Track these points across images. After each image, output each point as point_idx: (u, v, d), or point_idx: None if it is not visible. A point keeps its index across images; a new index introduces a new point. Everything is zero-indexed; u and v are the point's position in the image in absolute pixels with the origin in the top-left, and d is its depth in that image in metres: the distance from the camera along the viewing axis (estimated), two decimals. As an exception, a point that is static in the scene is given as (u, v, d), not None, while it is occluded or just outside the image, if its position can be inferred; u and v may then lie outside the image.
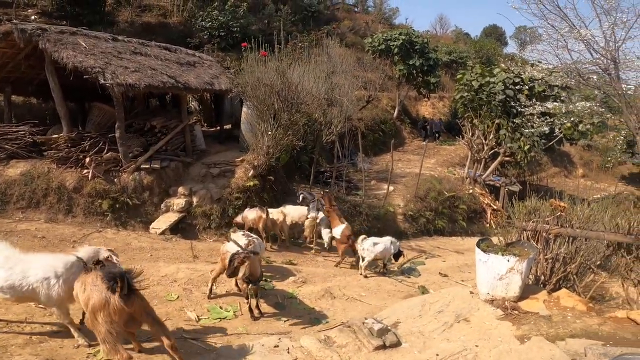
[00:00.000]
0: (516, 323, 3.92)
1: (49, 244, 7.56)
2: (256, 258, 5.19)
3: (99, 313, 3.32)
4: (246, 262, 4.94)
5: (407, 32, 20.74)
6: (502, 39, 42.77)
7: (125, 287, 3.33)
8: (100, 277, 3.41)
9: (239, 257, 4.92)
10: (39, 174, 8.95)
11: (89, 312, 3.40)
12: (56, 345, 4.08)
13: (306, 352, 3.92)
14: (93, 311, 3.35)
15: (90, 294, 3.40)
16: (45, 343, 4.11)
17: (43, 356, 3.82)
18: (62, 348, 4.03)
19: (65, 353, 3.94)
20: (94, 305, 3.34)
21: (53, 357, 3.84)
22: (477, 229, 12.75)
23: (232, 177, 9.89)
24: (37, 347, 4.02)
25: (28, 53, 9.98)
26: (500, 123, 14.52)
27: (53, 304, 3.99)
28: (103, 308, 3.31)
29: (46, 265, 4.01)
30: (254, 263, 5.07)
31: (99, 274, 3.45)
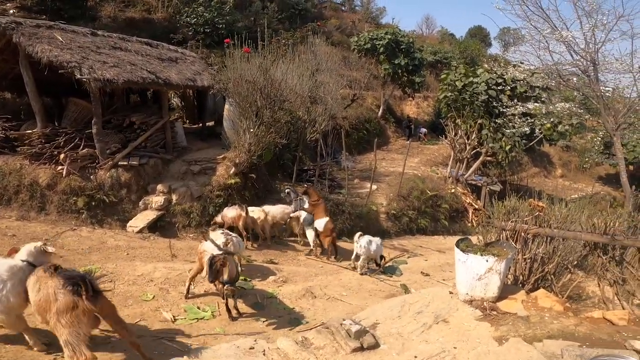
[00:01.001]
0: (495, 324, 3.91)
1: (19, 242, 7.26)
2: (232, 258, 5.09)
3: (64, 315, 3.27)
4: (227, 264, 4.84)
5: (393, 31, 20.80)
6: (486, 40, 43.32)
7: (90, 289, 3.32)
8: (62, 281, 3.34)
9: (220, 260, 4.82)
10: (10, 170, 8.64)
11: (53, 315, 3.31)
12: (22, 347, 3.92)
13: (282, 354, 3.83)
14: (57, 313, 3.29)
15: (53, 297, 3.32)
16: (11, 345, 3.94)
17: (7, 358, 3.68)
18: (28, 349, 3.89)
19: (32, 355, 3.81)
20: (59, 308, 3.28)
21: (18, 359, 3.70)
22: (459, 228, 12.86)
23: (213, 174, 9.74)
24: (1, 349, 3.87)
25: (2, 47, 9.61)
26: (483, 123, 14.67)
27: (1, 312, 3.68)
28: (71, 310, 3.28)
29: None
30: (230, 263, 4.97)
31: (60, 278, 3.38)
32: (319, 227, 8.56)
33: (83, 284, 3.32)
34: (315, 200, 8.89)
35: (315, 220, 8.67)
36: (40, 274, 3.56)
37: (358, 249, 7.76)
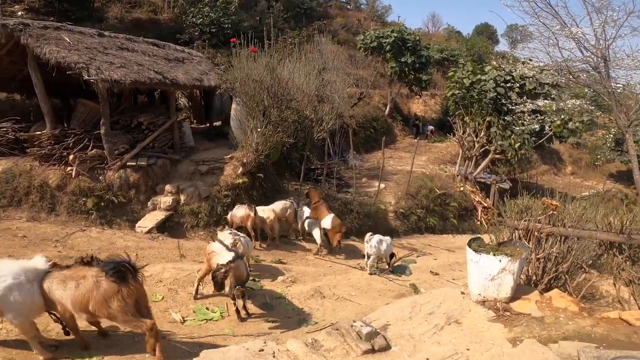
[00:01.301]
0: (508, 325, 3.84)
1: (30, 244, 7.35)
2: (241, 262, 5.05)
3: (112, 301, 3.60)
4: (229, 274, 4.82)
5: (399, 29, 20.67)
6: (493, 37, 42.95)
7: (133, 272, 3.67)
8: (104, 270, 3.63)
9: (221, 274, 4.82)
10: (20, 171, 8.70)
11: (98, 303, 3.59)
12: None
13: (292, 356, 3.79)
14: (105, 301, 3.59)
15: (96, 286, 3.60)
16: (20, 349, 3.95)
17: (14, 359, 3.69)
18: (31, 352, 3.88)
19: (34, 357, 3.82)
20: (106, 295, 3.59)
21: (14, 358, 3.72)
22: (468, 226, 12.74)
23: (221, 174, 9.73)
24: (12, 351, 3.89)
25: (10, 49, 9.68)
26: (491, 121, 14.51)
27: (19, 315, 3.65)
28: (117, 294, 3.60)
29: (13, 271, 3.67)
30: (238, 267, 4.94)
31: (100, 267, 3.68)
32: (327, 226, 8.53)
33: (125, 268, 3.59)
34: (316, 203, 8.92)
35: (321, 221, 8.64)
36: (68, 272, 3.67)
37: (368, 248, 7.72)
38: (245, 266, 5.24)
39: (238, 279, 4.99)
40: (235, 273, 4.91)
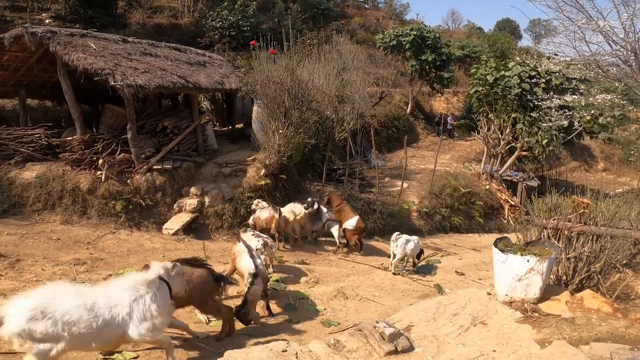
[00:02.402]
0: (536, 326, 3.74)
1: (63, 246, 7.63)
2: (258, 279, 5.14)
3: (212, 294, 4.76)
4: (248, 309, 4.99)
5: (418, 27, 20.40)
6: (516, 32, 41.87)
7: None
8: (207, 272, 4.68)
9: (242, 314, 4.96)
10: (54, 176, 9.06)
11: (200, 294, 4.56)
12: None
13: (315, 357, 3.79)
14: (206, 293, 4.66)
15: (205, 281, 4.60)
16: None
17: None
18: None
19: (74, 356, 3.92)
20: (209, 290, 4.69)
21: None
22: (495, 225, 12.45)
23: (244, 176, 9.85)
24: None
25: (40, 56, 10.10)
26: (517, 117, 14.13)
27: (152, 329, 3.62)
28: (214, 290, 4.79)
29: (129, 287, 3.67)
30: (256, 286, 5.08)
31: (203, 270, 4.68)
32: (350, 227, 8.53)
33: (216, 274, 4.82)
34: (338, 205, 8.90)
35: (346, 222, 8.63)
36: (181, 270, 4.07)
37: (394, 248, 7.66)
38: (264, 278, 5.32)
39: (257, 294, 5.14)
40: (254, 294, 5.06)
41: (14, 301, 3.26)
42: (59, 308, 3.22)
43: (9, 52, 9.61)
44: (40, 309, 3.16)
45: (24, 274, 6.14)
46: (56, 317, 3.17)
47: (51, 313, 3.17)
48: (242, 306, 4.94)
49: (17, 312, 3.13)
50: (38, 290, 3.40)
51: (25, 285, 5.69)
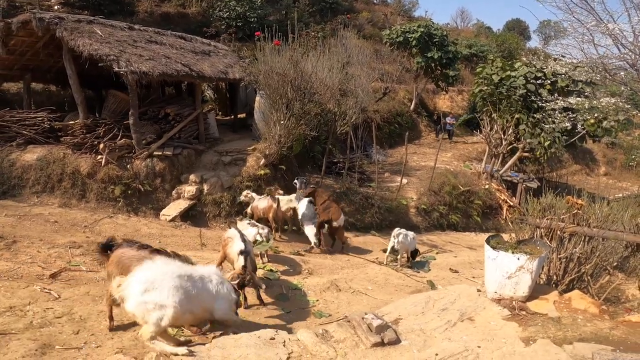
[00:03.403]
0: (523, 324, 3.77)
1: (60, 229, 7.68)
2: (250, 251, 5.20)
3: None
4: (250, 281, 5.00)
5: (426, 24, 20.27)
6: (525, 33, 41.53)
7: None
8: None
9: (241, 280, 4.93)
10: (54, 159, 9.12)
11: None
12: (55, 331, 4.08)
13: (302, 345, 3.84)
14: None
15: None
16: (46, 328, 4.10)
17: (41, 341, 3.80)
18: (61, 334, 4.03)
19: (65, 339, 3.95)
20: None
21: (51, 342, 3.83)
22: (492, 225, 12.46)
23: (244, 165, 9.89)
24: (36, 331, 4.02)
25: (46, 41, 10.13)
26: (520, 118, 14.08)
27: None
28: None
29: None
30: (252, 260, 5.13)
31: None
32: (342, 222, 8.34)
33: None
34: (324, 202, 8.24)
35: (338, 220, 8.29)
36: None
37: (395, 243, 7.69)
38: (252, 259, 5.34)
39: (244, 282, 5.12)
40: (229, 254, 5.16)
41: (129, 279, 3.61)
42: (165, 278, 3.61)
43: (16, 37, 9.63)
44: (150, 281, 3.54)
45: (19, 255, 6.18)
46: (163, 287, 3.55)
47: (159, 283, 3.55)
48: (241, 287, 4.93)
49: (133, 287, 3.50)
50: (146, 265, 3.73)
51: (20, 266, 5.74)
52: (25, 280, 5.31)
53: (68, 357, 3.62)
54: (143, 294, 3.48)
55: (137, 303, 3.48)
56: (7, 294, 4.68)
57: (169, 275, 3.64)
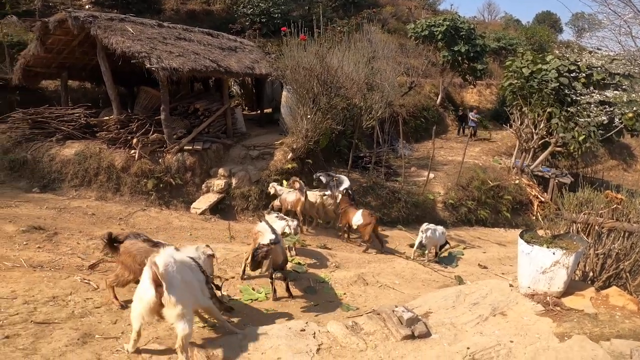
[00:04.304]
0: (557, 320, 3.69)
1: (97, 221, 7.97)
2: (279, 246, 5.16)
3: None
4: (269, 255, 4.92)
5: (452, 18, 19.88)
6: (556, 25, 40.14)
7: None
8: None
9: (262, 252, 4.90)
10: (91, 153, 9.47)
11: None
12: (95, 321, 4.19)
13: (332, 337, 3.88)
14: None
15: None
16: (86, 318, 4.22)
17: (82, 330, 3.90)
18: (100, 323, 4.14)
19: (103, 328, 4.05)
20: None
21: (91, 331, 3.93)
22: (522, 221, 12.16)
23: (271, 159, 10.01)
24: (78, 321, 4.13)
25: (81, 40, 10.49)
26: (553, 112, 13.66)
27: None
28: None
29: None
30: (276, 250, 5.06)
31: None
32: (357, 222, 8.22)
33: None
34: (343, 208, 8.51)
35: (352, 220, 8.31)
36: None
37: (424, 238, 7.64)
38: (282, 251, 5.33)
39: (274, 262, 5.12)
40: (272, 256, 5.02)
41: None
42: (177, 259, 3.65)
43: (53, 36, 10.01)
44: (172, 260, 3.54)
45: (60, 246, 6.42)
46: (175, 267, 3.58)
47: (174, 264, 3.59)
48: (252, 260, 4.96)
49: (164, 260, 3.51)
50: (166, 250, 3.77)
51: (60, 257, 5.96)
52: (66, 271, 5.49)
53: (107, 346, 3.72)
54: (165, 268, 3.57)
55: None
56: (50, 284, 4.83)
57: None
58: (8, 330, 3.69)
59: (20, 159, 9.47)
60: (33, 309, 4.16)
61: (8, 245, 6.16)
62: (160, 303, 3.41)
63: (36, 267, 5.49)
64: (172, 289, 3.42)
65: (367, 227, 8.15)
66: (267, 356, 3.62)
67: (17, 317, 3.94)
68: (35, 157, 9.49)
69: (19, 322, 3.87)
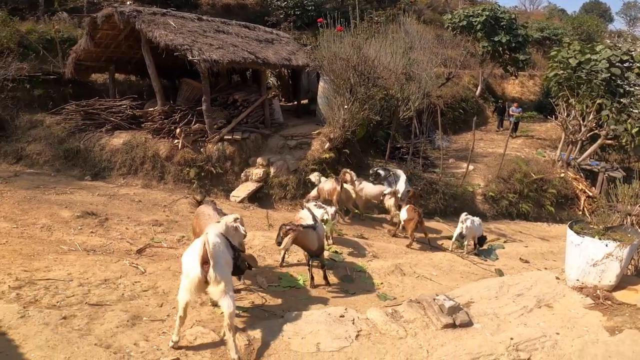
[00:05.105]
0: (607, 314, 3.55)
1: (144, 208, 8.33)
2: (311, 231, 5.16)
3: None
4: (290, 234, 4.96)
5: (491, 7, 19.19)
6: (606, 15, 37.97)
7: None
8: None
9: (284, 229, 5.00)
10: (137, 143, 9.92)
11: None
12: (143, 303, 4.36)
13: (371, 324, 3.90)
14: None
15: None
16: (135, 300, 4.40)
17: (131, 312, 4.07)
18: (147, 306, 4.31)
19: (150, 311, 4.21)
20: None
21: (139, 313, 4.10)
22: (567, 216, 11.64)
23: (309, 149, 10.11)
24: (127, 303, 4.31)
25: (127, 34, 10.92)
26: (603, 103, 12.96)
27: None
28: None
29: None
30: (307, 234, 5.08)
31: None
32: (402, 217, 8.17)
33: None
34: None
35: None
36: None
37: (464, 229, 7.52)
38: (318, 237, 5.28)
39: (304, 246, 5.19)
40: (300, 238, 5.06)
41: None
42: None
43: (101, 30, 10.49)
44: (219, 240, 3.79)
45: (110, 232, 6.79)
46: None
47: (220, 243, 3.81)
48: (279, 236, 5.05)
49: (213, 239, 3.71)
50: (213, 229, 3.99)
51: (111, 242, 6.31)
52: (116, 255, 5.78)
53: (154, 328, 3.86)
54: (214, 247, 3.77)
55: None
56: (102, 267, 5.09)
57: None
58: (65, 311, 3.89)
59: (74, 148, 10.05)
60: (87, 291, 4.39)
61: (64, 229, 6.58)
62: (205, 280, 3.53)
63: (89, 251, 5.84)
64: (217, 266, 3.54)
65: (411, 222, 8.10)
66: (306, 341, 3.68)
67: (73, 299, 4.17)
68: (87, 147, 10.05)
69: (74, 303, 4.10)
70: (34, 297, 4.08)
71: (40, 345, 3.31)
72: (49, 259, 5.21)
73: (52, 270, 4.74)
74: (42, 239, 6.07)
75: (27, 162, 9.94)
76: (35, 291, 4.18)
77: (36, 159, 9.98)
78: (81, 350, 3.33)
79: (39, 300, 4.06)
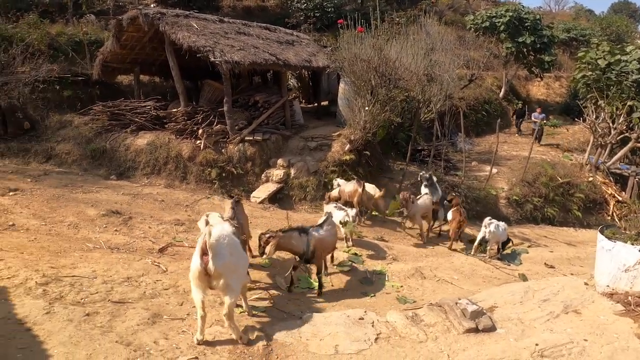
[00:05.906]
0: (639, 321, 3.41)
1: (166, 207, 8.44)
2: (291, 235, 5.06)
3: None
4: (271, 241, 4.85)
5: (515, 8, 18.79)
6: (635, 15, 36.76)
7: None
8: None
9: (264, 238, 4.91)
10: (161, 143, 10.10)
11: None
12: (163, 302, 4.42)
13: (391, 327, 3.85)
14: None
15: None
16: (156, 299, 4.45)
17: (152, 310, 4.12)
18: (168, 305, 4.36)
19: (171, 309, 4.27)
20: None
21: (160, 311, 4.14)
22: (595, 221, 11.26)
23: (329, 150, 10.10)
24: (148, 301, 4.37)
25: (151, 36, 11.16)
26: (634, 105, 12.53)
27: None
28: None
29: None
30: (288, 241, 4.99)
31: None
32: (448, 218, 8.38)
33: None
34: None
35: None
36: None
37: (487, 234, 7.40)
38: (304, 241, 5.10)
39: (291, 250, 5.13)
40: (283, 243, 4.96)
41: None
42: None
43: (126, 32, 10.74)
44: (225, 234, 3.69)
45: (134, 230, 6.91)
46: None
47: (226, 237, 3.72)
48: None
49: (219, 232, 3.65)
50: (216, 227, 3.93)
51: (134, 240, 6.40)
52: (139, 254, 5.87)
53: (174, 326, 3.90)
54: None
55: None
56: (125, 265, 5.18)
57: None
58: (89, 307, 3.96)
59: (100, 148, 10.32)
60: (110, 288, 4.46)
61: (90, 227, 6.74)
62: (206, 272, 3.51)
63: (113, 249, 5.94)
64: (217, 259, 3.48)
65: (454, 222, 8.14)
66: (324, 342, 3.67)
67: (96, 296, 4.24)
68: (113, 147, 10.30)
69: (98, 300, 4.17)
70: (59, 294, 4.15)
71: (64, 342, 3.36)
72: (74, 256, 5.32)
73: (78, 267, 4.84)
74: (68, 237, 6.22)
75: (56, 162, 10.24)
76: (61, 288, 4.26)
77: (65, 158, 10.28)
78: (102, 347, 3.37)
79: (64, 296, 4.13)
